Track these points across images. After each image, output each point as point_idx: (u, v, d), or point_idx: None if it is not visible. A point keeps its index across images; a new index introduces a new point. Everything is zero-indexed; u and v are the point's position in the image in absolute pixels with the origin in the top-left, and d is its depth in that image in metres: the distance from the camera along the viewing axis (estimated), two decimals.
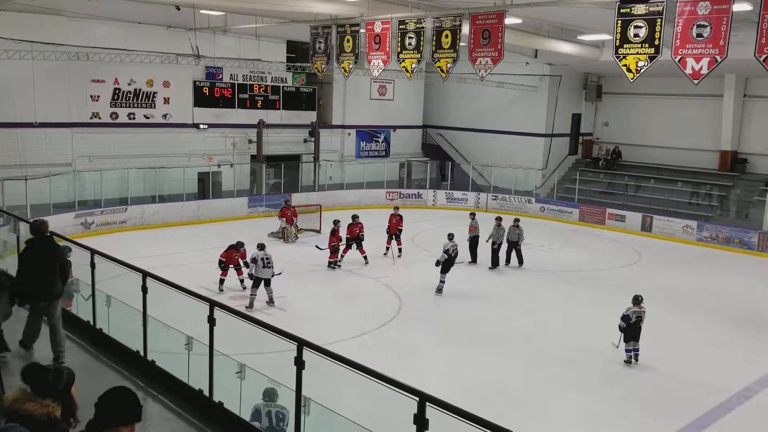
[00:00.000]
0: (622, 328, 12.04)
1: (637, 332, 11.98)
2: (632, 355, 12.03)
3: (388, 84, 30.96)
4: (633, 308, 12.02)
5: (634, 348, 12.02)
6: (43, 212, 19.44)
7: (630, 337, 11.97)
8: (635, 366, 12.07)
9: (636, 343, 11.99)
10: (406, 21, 15.78)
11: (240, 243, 15.73)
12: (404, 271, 17.39)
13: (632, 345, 12.00)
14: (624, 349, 12.11)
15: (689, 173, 26.76)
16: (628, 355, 12.07)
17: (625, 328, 11.97)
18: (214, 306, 5.97)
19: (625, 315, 12.02)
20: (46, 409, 3.29)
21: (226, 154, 26.19)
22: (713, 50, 11.10)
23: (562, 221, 26.71)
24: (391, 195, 29.01)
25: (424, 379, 10.32)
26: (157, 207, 23.12)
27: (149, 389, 6.45)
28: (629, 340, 12.00)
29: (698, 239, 23.44)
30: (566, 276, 18.09)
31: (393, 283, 16.72)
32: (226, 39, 24.91)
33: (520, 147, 29.71)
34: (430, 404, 4.01)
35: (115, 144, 23.23)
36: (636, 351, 12.02)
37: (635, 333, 11.96)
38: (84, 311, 8.16)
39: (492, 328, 13.99)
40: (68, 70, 21.62)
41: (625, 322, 11.97)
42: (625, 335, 12.00)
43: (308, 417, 5.48)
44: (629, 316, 11.96)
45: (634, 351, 12.02)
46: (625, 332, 11.98)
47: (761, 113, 25.50)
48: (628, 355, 12.06)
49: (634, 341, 11.98)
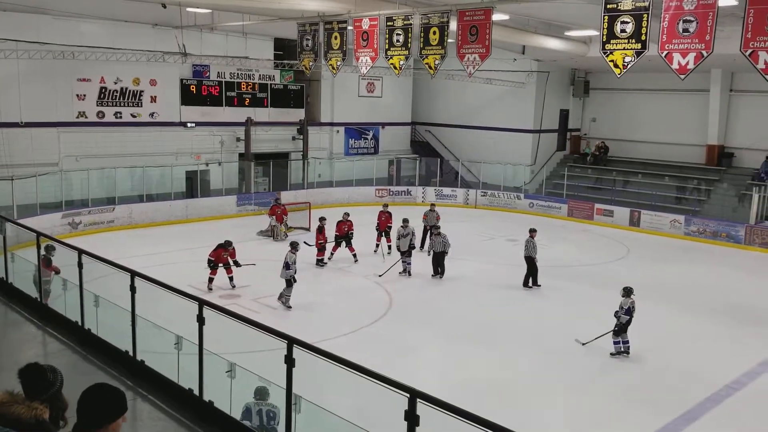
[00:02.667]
0: (627, 322, 11.98)
1: (628, 325, 12.05)
2: (625, 347, 12.10)
3: (376, 81, 30.93)
4: (629, 300, 12.03)
5: (625, 341, 12.09)
6: (29, 212, 19.33)
7: (623, 330, 12.03)
8: (624, 360, 12.14)
9: (626, 335, 12.06)
10: (394, 18, 15.77)
11: (228, 242, 15.67)
12: (394, 268, 17.37)
13: (624, 338, 12.07)
14: (613, 342, 12.16)
15: (676, 168, 26.93)
16: (617, 348, 12.14)
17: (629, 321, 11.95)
18: (203, 305, 5.95)
19: (627, 309, 11.97)
20: (34, 411, 3.25)
21: (214, 153, 26.10)
22: (699, 45, 11.17)
23: (550, 217, 26.81)
24: (381, 192, 29.01)
25: (415, 376, 10.32)
26: (145, 206, 22.99)
27: (139, 389, 6.41)
28: (622, 333, 12.05)
29: (686, 233, 23.60)
30: (555, 271, 18.16)
31: (382, 280, 16.73)
32: (213, 37, 24.78)
33: (508, 143, 29.78)
34: (420, 401, 4.01)
35: (102, 143, 23.07)
36: (627, 343, 12.09)
37: (626, 327, 12.03)
38: (72, 312, 8.10)
39: (482, 323, 14.02)
40: (54, 69, 21.45)
41: (629, 315, 11.96)
42: (620, 328, 12.03)
43: (299, 415, 5.47)
44: (631, 308, 11.96)
45: (625, 343, 12.11)
46: (620, 326, 12.02)
47: (747, 108, 25.68)
48: (618, 347, 12.13)
49: (624, 333, 12.05)
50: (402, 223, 17.57)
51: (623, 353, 12.11)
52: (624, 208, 25.40)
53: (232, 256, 15.61)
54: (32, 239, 9.25)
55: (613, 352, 12.16)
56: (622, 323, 11.99)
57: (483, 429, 3.64)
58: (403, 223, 17.57)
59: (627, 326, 12.04)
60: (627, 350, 12.10)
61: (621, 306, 12.08)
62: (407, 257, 17.31)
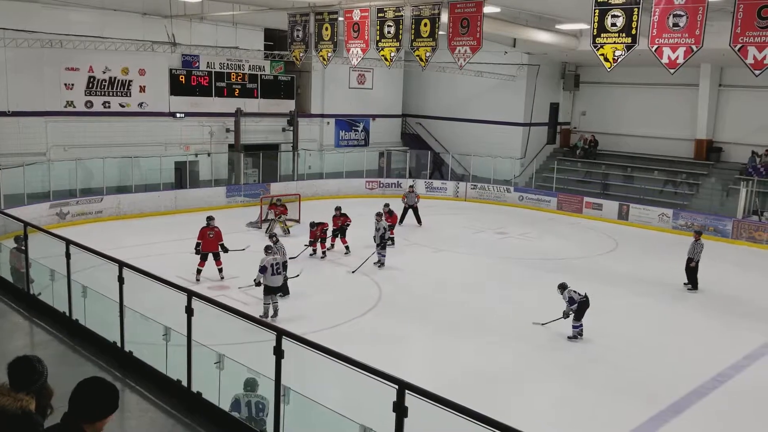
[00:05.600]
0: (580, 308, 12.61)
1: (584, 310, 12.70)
2: (579, 331, 12.74)
3: (367, 73, 30.85)
4: (566, 293, 12.69)
5: (580, 325, 12.72)
6: (17, 202, 19.18)
7: (580, 316, 12.67)
8: (613, 351, 12.28)
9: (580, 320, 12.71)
10: (385, 9, 15.73)
11: (210, 217, 15.67)
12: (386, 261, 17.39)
13: (579, 322, 12.73)
14: (572, 327, 12.75)
15: (665, 162, 27.06)
16: (575, 332, 12.74)
17: (576, 308, 12.58)
18: (191, 296, 5.94)
19: (570, 299, 12.61)
20: (20, 402, 3.24)
21: (204, 144, 25.96)
22: (689, 40, 11.22)
23: (540, 210, 26.90)
24: (371, 184, 29.00)
25: (405, 368, 10.32)
26: (134, 197, 22.86)
27: (127, 380, 6.40)
28: (580, 318, 12.69)
29: (674, 227, 23.74)
30: (545, 264, 18.23)
31: (371, 271, 16.74)
32: (203, 26, 24.61)
33: (498, 136, 29.79)
34: (409, 392, 4.03)
35: (90, 133, 22.88)
36: (581, 327, 12.72)
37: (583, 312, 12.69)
38: (60, 302, 8.06)
39: (472, 316, 14.07)
40: (41, 58, 21.24)
41: (574, 303, 12.57)
42: (576, 314, 12.66)
43: (288, 406, 5.48)
44: (573, 298, 12.59)
45: (580, 327, 12.74)
46: (577, 311, 12.64)
47: (736, 102, 25.82)
48: (575, 331, 12.74)
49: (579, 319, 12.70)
50: (375, 217, 17.59)
51: (579, 336, 12.71)
52: (613, 202, 25.52)
53: (219, 238, 15.50)
54: (19, 229, 9.18)
55: (570, 336, 12.75)
56: (574, 311, 12.64)
57: (471, 420, 3.66)
58: (377, 217, 17.58)
59: (583, 312, 12.65)
60: (581, 333, 12.74)
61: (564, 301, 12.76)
62: (382, 250, 17.30)
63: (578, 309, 12.63)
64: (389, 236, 19.31)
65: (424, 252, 19.46)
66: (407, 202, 22.91)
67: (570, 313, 12.70)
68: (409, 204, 22.85)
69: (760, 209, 23.15)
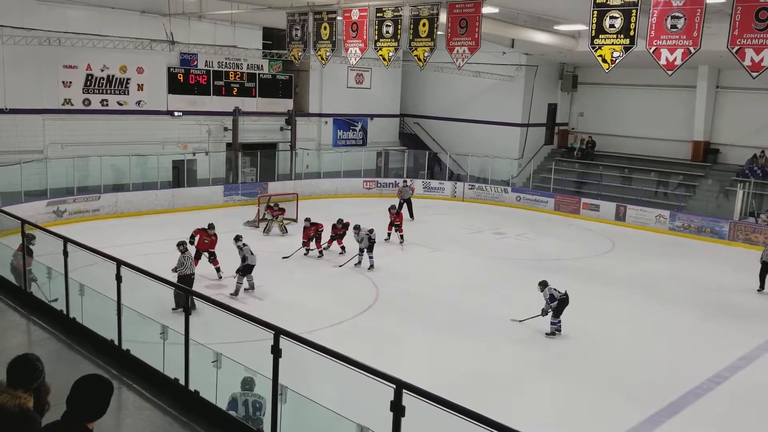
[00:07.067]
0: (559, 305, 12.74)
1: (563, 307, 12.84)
2: (557, 327, 12.87)
3: (365, 72, 30.84)
4: (547, 290, 12.81)
5: (558, 321, 12.86)
6: (14, 200, 19.15)
7: (559, 313, 12.82)
8: (609, 353, 12.30)
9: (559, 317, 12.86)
10: (384, 9, 15.74)
11: (211, 225, 15.67)
12: (382, 260, 17.39)
13: (557, 319, 12.87)
14: (551, 323, 12.87)
15: (662, 163, 27.10)
16: (553, 328, 12.86)
17: (556, 305, 12.72)
18: (189, 294, 5.93)
19: (551, 296, 12.73)
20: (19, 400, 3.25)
21: (201, 142, 25.93)
22: (687, 41, 11.25)
23: (537, 210, 26.93)
24: (368, 184, 29.00)
25: (402, 367, 10.35)
26: (131, 195, 22.83)
27: (124, 378, 6.39)
28: (558, 315, 12.83)
29: (671, 228, 23.78)
30: (542, 264, 18.25)
31: (369, 272, 16.74)
32: (201, 25, 24.58)
33: (496, 136, 29.81)
34: (406, 391, 4.03)
35: (87, 131, 22.83)
36: (559, 323, 12.84)
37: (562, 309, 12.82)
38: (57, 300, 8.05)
39: (469, 315, 14.08)
40: (39, 56, 21.19)
41: (554, 300, 12.70)
42: (555, 311, 12.79)
43: (285, 405, 5.49)
44: (554, 296, 12.71)
45: (558, 324, 12.87)
46: (556, 309, 12.76)
47: (733, 104, 25.86)
48: (553, 328, 12.87)
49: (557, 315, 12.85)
50: (354, 230, 17.25)
51: (557, 332, 12.84)
52: (610, 203, 25.54)
53: (213, 246, 15.51)
54: (17, 227, 9.17)
55: (548, 332, 12.86)
56: (553, 308, 12.76)
57: (468, 419, 3.67)
58: (355, 229, 17.22)
59: (561, 309, 12.78)
60: (559, 329, 12.85)
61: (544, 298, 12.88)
62: (369, 251, 17.08)
63: (557, 306, 12.78)
64: (399, 234, 19.52)
65: (421, 252, 19.48)
66: (402, 197, 23.85)
67: (549, 310, 12.84)
68: (403, 198, 23.79)
69: (756, 211, 23.21)
